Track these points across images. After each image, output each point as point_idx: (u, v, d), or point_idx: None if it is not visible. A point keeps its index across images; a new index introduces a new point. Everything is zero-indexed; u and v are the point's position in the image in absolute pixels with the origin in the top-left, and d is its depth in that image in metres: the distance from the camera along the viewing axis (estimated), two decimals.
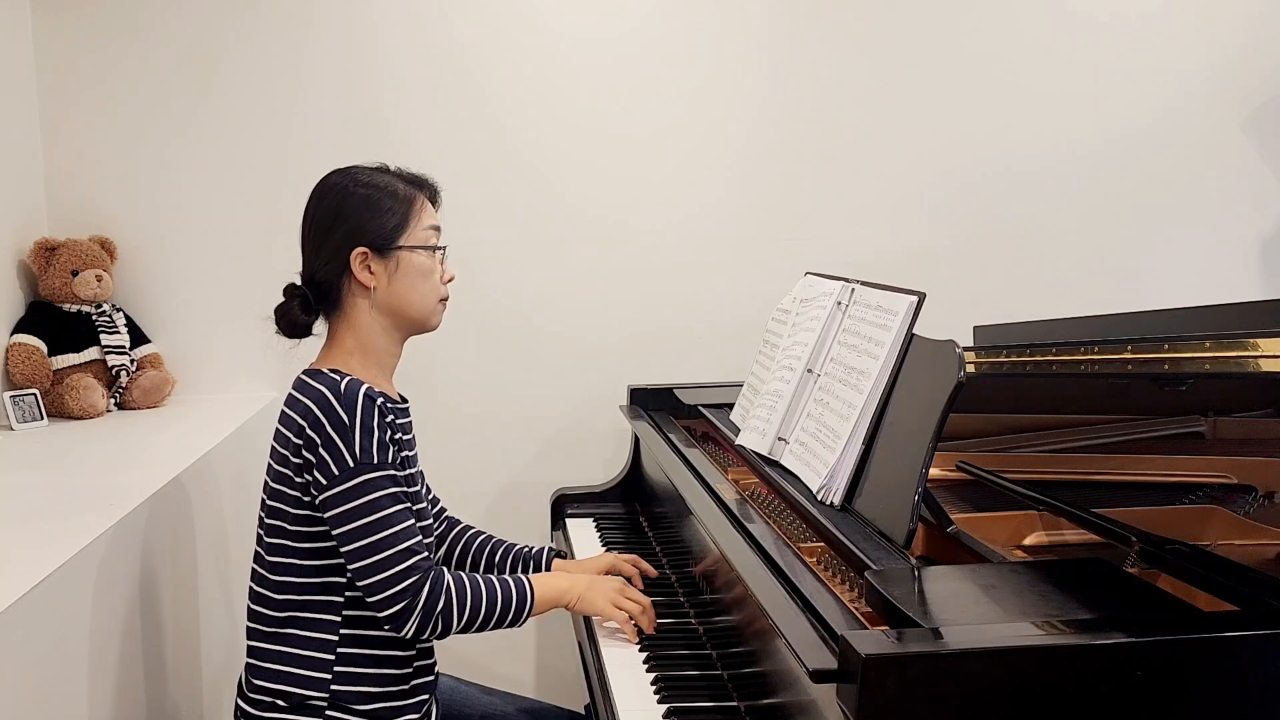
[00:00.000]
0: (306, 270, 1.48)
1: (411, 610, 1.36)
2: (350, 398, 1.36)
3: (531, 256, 2.44)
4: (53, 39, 2.23)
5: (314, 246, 1.47)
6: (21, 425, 2.03)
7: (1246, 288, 2.64)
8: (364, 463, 1.35)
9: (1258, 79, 2.60)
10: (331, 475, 1.35)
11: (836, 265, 1.96)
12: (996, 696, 0.93)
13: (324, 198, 1.47)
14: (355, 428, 1.35)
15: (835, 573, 1.34)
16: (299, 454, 1.37)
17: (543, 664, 2.56)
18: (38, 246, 2.15)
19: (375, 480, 1.36)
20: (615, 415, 2.35)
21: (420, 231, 1.47)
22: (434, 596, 1.37)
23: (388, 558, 1.35)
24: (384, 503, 1.36)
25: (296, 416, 1.38)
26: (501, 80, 2.38)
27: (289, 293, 1.48)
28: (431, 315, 1.51)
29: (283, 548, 1.42)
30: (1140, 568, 1.29)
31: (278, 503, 1.42)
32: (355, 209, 1.44)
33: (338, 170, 1.50)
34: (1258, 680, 0.97)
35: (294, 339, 1.48)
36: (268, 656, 1.42)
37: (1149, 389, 1.65)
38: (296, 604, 1.42)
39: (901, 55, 2.49)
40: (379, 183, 1.47)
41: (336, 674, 1.41)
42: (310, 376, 1.41)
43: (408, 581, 1.35)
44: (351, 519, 1.35)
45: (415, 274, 1.46)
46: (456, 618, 1.39)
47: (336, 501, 1.35)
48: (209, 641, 1.94)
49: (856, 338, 1.56)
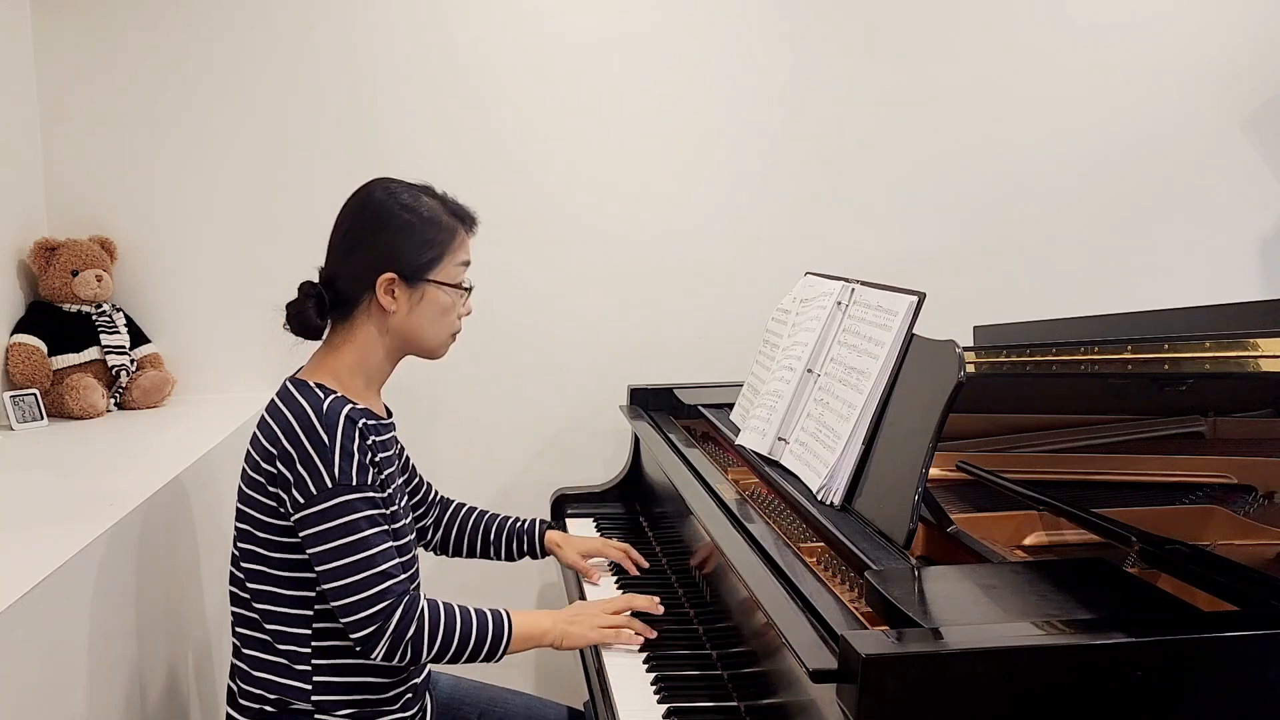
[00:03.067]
0: (328, 272, 1.45)
1: (382, 634, 1.33)
2: (331, 419, 1.34)
3: (531, 257, 2.44)
4: (53, 39, 2.23)
5: (343, 254, 1.44)
6: (21, 425, 2.03)
7: (1246, 288, 2.64)
8: (342, 484, 1.33)
9: (1258, 79, 2.60)
10: (309, 494, 1.33)
11: (837, 265, 1.96)
12: (996, 696, 0.93)
13: (364, 210, 1.44)
14: (335, 449, 1.33)
15: (835, 573, 1.34)
16: (273, 464, 1.35)
17: (543, 662, 2.56)
18: (38, 246, 2.15)
19: (353, 502, 1.34)
20: (615, 415, 2.35)
21: (452, 268, 1.45)
22: (405, 622, 1.34)
23: (362, 580, 1.32)
24: (361, 525, 1.34)
25: (276, 429, 1.36)
26: (501, 83, 2.38)
27: (305, 290, 1.44)
28: (440, 348, 1.50)
29: (254, 554, 1.40)
30: (1140, 568, 1.29)
31: (249, 509, 1.40)
32: (394, 232, 1.41)
33: (383, 183, 1.46)
34: (1258, 680, 0.97)
35: (300, 339, 1.46)
36: (251, 663, 1.42)
37: (1149, 389, 1.65)
38: (272, 614, 1.40)
39: (902, 58, 2.49)
40: (424, 209, 1.44)
41: (316, 684, 1.40)
42: (296, 388, 1.39)
43: (381, 605, 1.33)
44: (327, 539, 1.33)
45: (436, 310, 1.45)
46: (427, 646, 1.36)
47: (313, 521, 1.33)
48: (208, 642, 1.94)
49: (856, 338, 1.56)
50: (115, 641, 1.47)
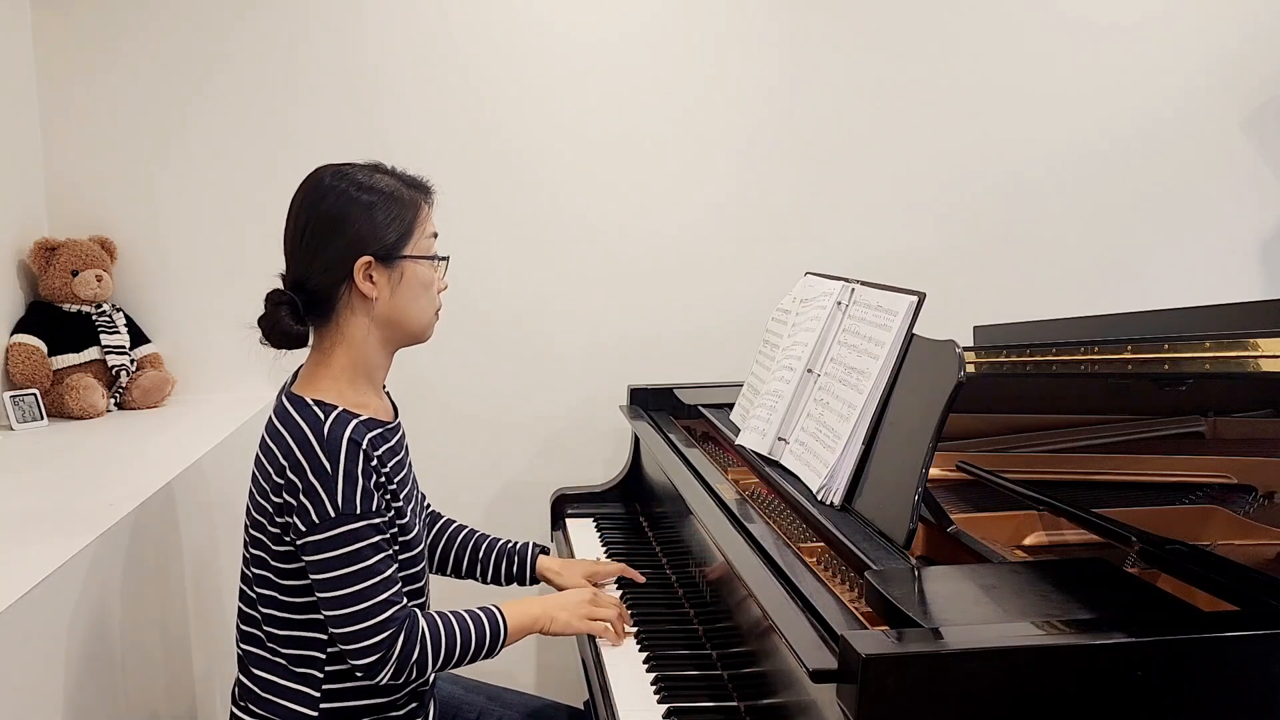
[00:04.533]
0: (295, 275, 1.39)
1: (386, 661, 1.33)
2: (334, 445, 1.31)
3: (532, 257, 2.44)
4: (53, 39, 2.23)
5: (308, 252, 1.37)
6: (21, 425, 2.03)
7: (1246, 288, 2.64)
8: (346, 513, 1.30)
9: (1258, 79, 2.60)
10: (312, 523, 1.30)
11: (837, 265, 1.96)
12: (996, 696, 0.93)
13: (321, 200, 1.37)
14: (338, 477, 1.30)
15: (835, 573, 1.34)
16: (279, 494, 1.33)
17: (543, 663, 2.56)
18: (38, 246, 2.15)
19: (358, 530, 1.31)
20: (615, 415, 2.35)
21: (423, 240, 1.41)
22: (409, 646, 1.34)
23: (365, 609, 1.31)
24: (366, 553, 1.31)
25: (278, 454, 1.33)
26: (499, 82, 2.38)
27: (274, 299, 1.38)
28: (428, 328, 1.46)
29: (265, 579, 1.39)
30: (1140, 568, 1.29)
31: (259, 533, 1.38)
32: (359, 215, 1.35)
33: (331, 169, 1.40)
34: (1258, 680, 0.97)
35: (284, 349, 1.40)
36: (258, 681, 1.41)
37: (1149, 389, 1.65)
38: (281, 638, 1.40)
39: (902, 58, 2.49)
40: (381, 187, 1.38)
41: (325, 691, 1.39)
42: (294, 406, 1.35)
43: (384, 634, 1.32)
44: (330, 568, 1.31)
45: (418, 285, 1.40)
46: (431, 662, 1.37)
47: (317, 549, 1.31)
48: (207, 643, 1.94)
49: (856, 338, 1.56)
50: (113, 642, 1.47)
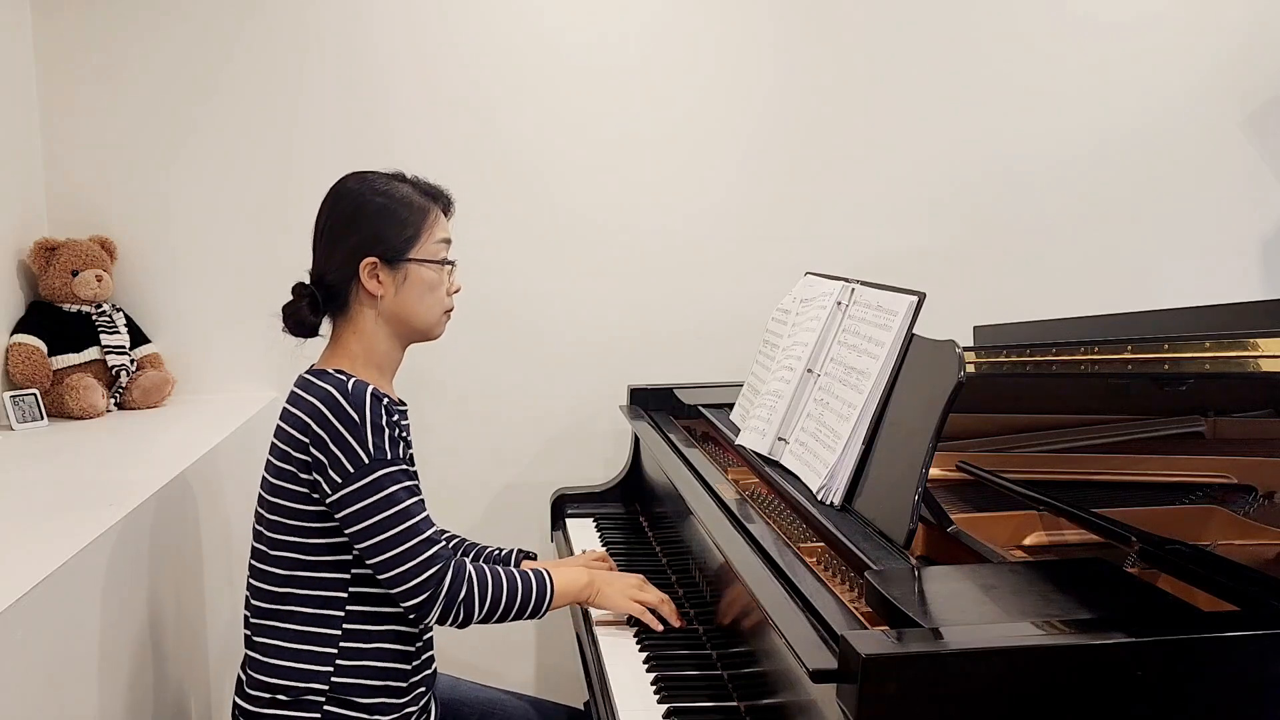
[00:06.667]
0: (316, 270, 1.49)
1: (436, 599, 1.38)
2: (359, 396, 1.37)
3: (532, 257, 2.44)
4: (53, 39, 2.23)
5: (326, 249, 1.48)
6: (21, 425, 2.03)
7: (1246, 288, 2.64)
8: (378, 459, 1.36)
9: (1258, 79, 2.60)
10: (346, 473, 1.35)
11: (837, 265, 1.96)
12: (997, 696, 0.93)
13: (340, 202, 1.48)
14: (366, 425, 1.36)
15: (835, 573, 1.34)
16: (305, 451, 1.37)
17: (543, 663, 2.56)
18: (38, 246, 2.15)
19: (391, 474, 1.37)
20: (615, 415, 2.35)
21: (431, 245, 1.49)
22: (457, 585, 1.39)
23: (410, 549, 1.36)
24: (400, 496, 1.37)
25: (302, 415, 1.38)
26: (501, 82, 2.38)
27: (298, 291, 1.49)
28: (435, 326, 1.53)
29: (287, 543, 1.41)
30: (1140, 568, 1.29)
31: (279, 499, 1.41)
32: (370, 217, 1.45)
33: (355, 174, 1.50)
34: (1258, 680, 0.97)
35: (300, 338, 1.50)
36: (268, 650, 1.42)
37: (1149, 389, 1.65)
38: (299, 597, 1.42)
39: (902, 56, 2.49)
40: (395, 193, 1.48)
41: (339, 666, 1.41)
42: (316, 376, 1.41)
43: (431, 570, 1.37)
44: (369, 515, 1.36)
45: (422, 287, 1.48)
46: (479, 606, 1.41)
47: (352, 499, 1.36)
48: (213, 640, 1.94)
49: (856, 338, 1.56)
50: (117, 641, 1.47)
